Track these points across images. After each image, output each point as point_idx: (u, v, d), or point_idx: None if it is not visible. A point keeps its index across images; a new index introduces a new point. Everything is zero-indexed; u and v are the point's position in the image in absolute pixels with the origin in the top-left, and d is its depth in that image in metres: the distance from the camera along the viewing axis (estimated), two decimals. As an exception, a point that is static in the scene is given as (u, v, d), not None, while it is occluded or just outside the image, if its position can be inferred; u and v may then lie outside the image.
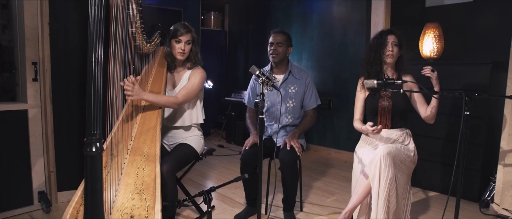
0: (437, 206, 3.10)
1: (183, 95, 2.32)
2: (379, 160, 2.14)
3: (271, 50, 2.79)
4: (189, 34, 2.38)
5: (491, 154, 3.11)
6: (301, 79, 2.84)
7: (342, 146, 4.86)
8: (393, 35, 2.40)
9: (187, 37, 2.37)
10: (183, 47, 2.37)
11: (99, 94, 1.50)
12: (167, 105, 2.28)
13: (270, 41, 2.80)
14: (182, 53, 2.38)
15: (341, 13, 4.82)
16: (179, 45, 2.37)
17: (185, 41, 2.37)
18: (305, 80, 2.85)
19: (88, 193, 1.54)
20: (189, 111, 2.46)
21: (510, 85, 2.76)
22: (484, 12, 3.45)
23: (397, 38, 2.40)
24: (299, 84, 2.83)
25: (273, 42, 2.78)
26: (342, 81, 4.80)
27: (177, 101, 2.29)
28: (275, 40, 2.78)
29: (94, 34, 1.50)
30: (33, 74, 2.74)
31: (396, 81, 2.16)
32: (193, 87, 2.37)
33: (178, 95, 2.32)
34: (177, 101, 2.29)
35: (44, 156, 2.81)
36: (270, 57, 2.81)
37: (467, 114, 1.91)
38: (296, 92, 2.82)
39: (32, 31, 2.70)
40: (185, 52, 2.39)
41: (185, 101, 2.35)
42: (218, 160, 4.55)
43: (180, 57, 2.40)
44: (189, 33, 2.38)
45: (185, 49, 2.38)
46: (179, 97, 2.30)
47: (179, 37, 2.36)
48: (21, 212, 2.70)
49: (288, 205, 2.74)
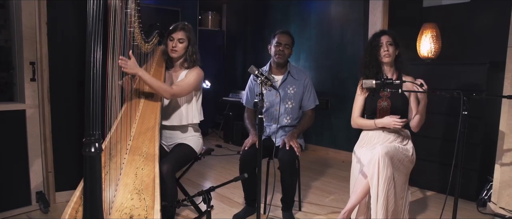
0: (434, 205, 3.11)
1: (177, 88, 2.31)
2: (378, 160, 2.15)
3: (278, 50, 2.77)
4: (181, 32, 2.38)
5: (488, 153, 3.12)
6: (299, 80, 2.84)
7: (340, 145, 4.87)
8: (386, 35, 2.42)
9: (179, 35, 2.38)
10: (174, 44, 2.37)
11: (98, 94, 1.50)
12: (159, 90, 2.21)
13: (277, 41, 2.78)
14: (174, 51, 2.39)
15: (339, 13, 4.83)
16: (171, 43, 2.38)
17: (177, 38, 2.37)
18: (304, 81, 2.85)
19: (87, 193, 1.54)
20: (186, 110, 2.45)
21: (507, 85, 2.78)
22: (481, 12, 3.47)
23: (391, 38, 2.41)
24: (298, 85, 2.83)
25: (281, 43, 2.77)
26: (340, 82, 4.81)
27: (171, 91, 2.25)
28: (284, 42, 2.77)
29: (92, 34, 1.50)
30: (31, 74, 2.73)
31: (394, 81, 2.17)
32: (188, 83, 2.36)
33: (173, 87, 2.31)
34: (170, 92, 2.25)
35: (42, 156, 2.80)
36: (275, 58, 2.80)
37: (465, 113, 1.92)
38: (295, 93, 2.82)
39: (30, 31, 2.70)
40: (178, 50, 2.39)
41: (178, 94, 2.33)
42: (216, 160, 4.55)
43: (173, 55, 2.41)
44: (182, 31, 2.39)
45: (176, 46, 2.38)
46: (174, 88, 2.28)
47: (172, 35, 2.38)
48: (19, 212, 2.70)
49: (287, 204, 2.74)
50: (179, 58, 2.47)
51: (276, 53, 2.78)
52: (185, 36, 2.39)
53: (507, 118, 2.79)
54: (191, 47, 2.44)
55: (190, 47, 2.43)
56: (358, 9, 4.53)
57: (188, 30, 2.41)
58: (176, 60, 2.48)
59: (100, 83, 1.51)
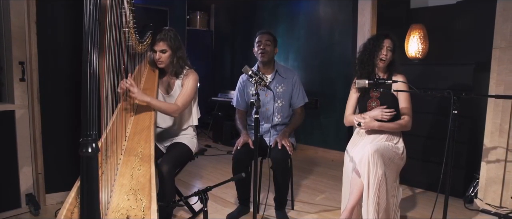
0: (424, 202, 3.18)
1: (182, 103, 2.33)
2: (368, 158, 2.19)
3: (260, 49, 2.81)
4: (161, 42, 2.34)
5: (474, 151, 3.21)
6: (288, 78, 2.87)
7: (329, 144, 4.92)
8: (389, 39, 2.44)
9: (160, 47, 2.35)
10: (158, 56, 2.37)
11: (95, 94, 1.49)
12: (167, 111, 2.27)
13: (257, 40, 2.83)
14: (160, 62, 2.39)
15: (328, 14, 4.88)
16: (155, 55, 2.37)
17: (159, 50, 2.36)
18: (292, 79, 2.88)
19: (84, 194, 1.53)
20: (186, 114, 2.46)
21: (492, 84, 2.86)
22: (467, 14, 3.55)
23: (392, 44, 2.44)
24: (287, 84, 2.86)
25: (261, 41, 2.81)
26: (329, 81, 4.87)
27: (178, 109, 2.30)
28: (264, 39, 2.80)
29: (89, 34, 1.48)
30: (20, 74, 2.69)
31: (386, 82, 2.21)
32: (189, 92, 2.38)
33: (177, 103, 2.32)
34: (178, 110, 2.30)
35: (32, 157, 2.76)
36: (259, 57, 2.83)
37: (455, 112, 1.97)
38: (284, 91, 2.85)
39: (18, 30, 2.65)
40: (163, 61, 2.38)
41: (184, 107, 2.37)
42: (206, 160, 4.55)
43: (160, 66, 2.41)
44: (162, 41, 2.34)
45: (160, 58, 2.37)
46: (179, 105, 2.31)
47: (154, 47, 2.36)
48: (8, 215, 2.65)
49: (280, 203, 2.77)
50: (167, 67, 2.46)
51: (259, 53, 2.82)
52: (166, 46, 2.36)
53: (492, 117, 2.87)
54: (175, 54, 2.40)
55: (174, 54, 2.39)
56: (346, 10, 4.58)
57: (169, 39, 2.36)
58: (166, 68, 2.48)
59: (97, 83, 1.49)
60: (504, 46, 2.77)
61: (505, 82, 2.78)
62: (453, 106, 1.96)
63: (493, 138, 2.87)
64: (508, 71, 2.76)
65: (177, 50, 2.40)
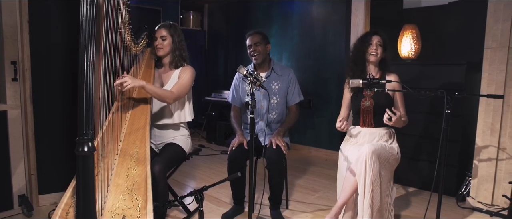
0: (417, 201, 3.21)
1: (177, 90, 2.32)
2: (365, 158, 2.21)
3: (251, 52, 2.83)
4: (163, 29, 2.42)
5: (466, 150, 3.25)
6: (283, 75, 2.88)
7: (322, 144, 4.94)
8: (378, 35, 2.47)
9: (161, 33, 2.41)
10: (158, 42, 2.41)
11: (91, 94, 1.48)
12: (162, 97, 2.24)
13: (247, 44, 2.85)
14: (158, 48, 2.43)
15: (321, 14, 4.90)
16: (156, 42, 2.42)
17: (160, 36, 2.41)
18: (288, 76, 2.89)
19: (80, 193, 1.53)
20: (178, 109, 2.45)
21: (484, 84, 2.90)
22: (458, 15, 3.60)
23: (381, 39, 2.47)
24: (282, 81, 2.87)
25: (251, 44, 2.82)
26: (322, 81, 4.89)
27: (173, 96, 2.28)
28: (253, 41, 2.82)
29: (86, 34, 1.48)
30: (13, 74, 2.66)
31: (381, 81, 2.23)
32: (185, 83, 2.38)
33: (173, 90, 2.31)
34: (173, 96, 2.28)
35: (24, 158, 2.73)
36: (253, 59, 2.85)
37: (448, 112, 1.99)
38: (280, 88, 2.86)
39: (11, 30, 2.63)
40: (162, 48, 2.42)
41: (179, 96, 2.35)
42: (200, 160, 4.54)
43: (159, 53, 2.44)
44: (163, 28, 2.42)
45: (159, 44, 2.41)
46: (174, 91, 2.30)
47: (155, 34, 2.42)
48: (0, 216, 2.62)
49: (275, 203, 2.78)
50: (167, 57, 2.46)
51: (252, 56, 2.84)
52: (167, 33, 2.41)
53: (484, 116, 2.91)
54: (176, 45, 2.44)
55: (175, 44, 2.44)
56: (340, 10, 4.61)
57: (170, 28, 2.43)
58: (165, 59, 2.48)
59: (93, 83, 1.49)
60: (495, 46, 2.81)
61: (496, 82, 2.81)
62: (446, 105, 1.99)
63: (485, 137, 2.91)
64: (499, 71, 2.80)
65: (178, 42, 2.45)
